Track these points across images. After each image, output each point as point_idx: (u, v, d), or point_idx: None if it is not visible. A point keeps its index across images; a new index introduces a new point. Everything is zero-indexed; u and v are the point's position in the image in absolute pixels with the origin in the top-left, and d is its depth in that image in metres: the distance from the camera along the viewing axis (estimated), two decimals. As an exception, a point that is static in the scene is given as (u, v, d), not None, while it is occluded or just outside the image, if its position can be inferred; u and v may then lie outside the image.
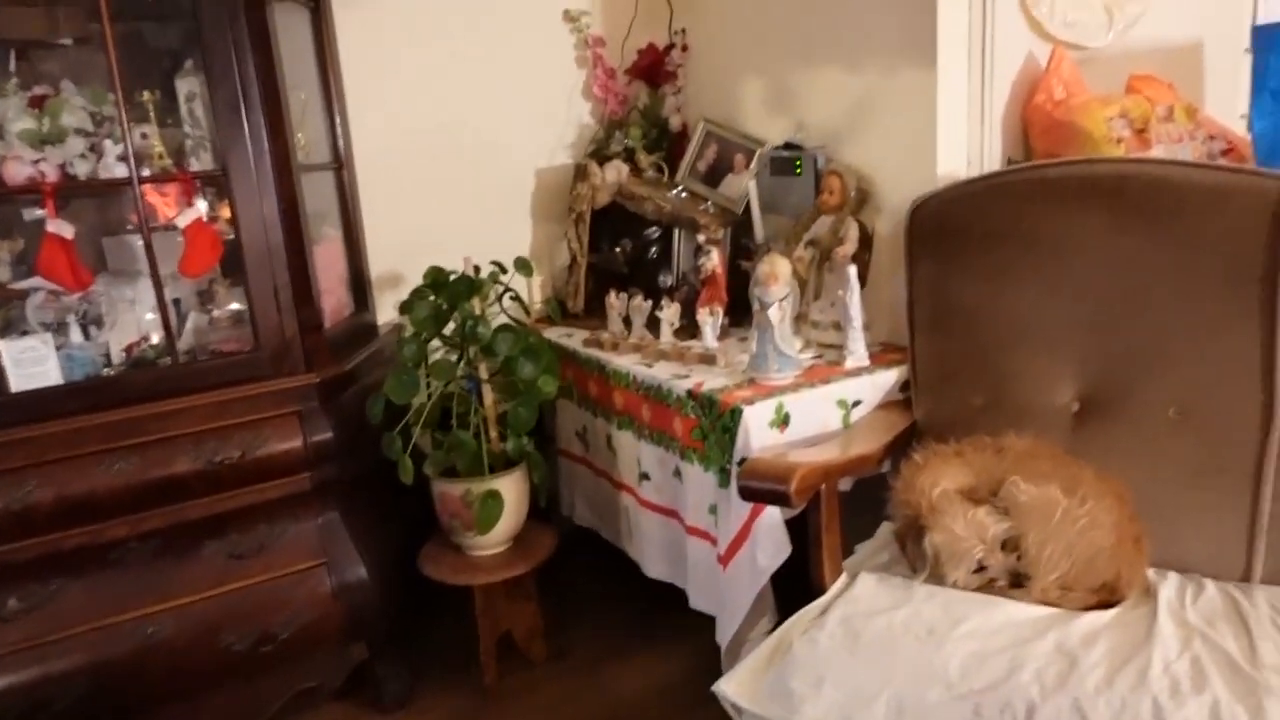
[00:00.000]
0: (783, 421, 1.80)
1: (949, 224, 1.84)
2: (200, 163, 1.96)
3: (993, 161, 2.00)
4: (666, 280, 2.49)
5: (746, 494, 1.52)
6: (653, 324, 2.26)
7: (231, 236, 1.98)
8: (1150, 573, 1.51)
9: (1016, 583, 1.47)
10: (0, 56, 1.95)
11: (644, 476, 2.12)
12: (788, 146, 2.28)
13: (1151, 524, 1.50)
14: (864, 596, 1.50)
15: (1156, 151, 1.86)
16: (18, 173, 1.81)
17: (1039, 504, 1.47)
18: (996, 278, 1.78)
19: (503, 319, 2.21)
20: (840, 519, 1.65)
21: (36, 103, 1.89)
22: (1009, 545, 1.48)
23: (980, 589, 1.48)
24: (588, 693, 2.19)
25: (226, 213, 2.02)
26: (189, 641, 1.87)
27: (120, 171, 1.87)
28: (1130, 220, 1.64)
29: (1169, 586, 1.47)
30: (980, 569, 1.48)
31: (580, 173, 2.60)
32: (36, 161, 1.83)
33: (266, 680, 2.00)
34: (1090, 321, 1.69)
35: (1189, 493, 1.56)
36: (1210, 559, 1.53)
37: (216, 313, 2.08)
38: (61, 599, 1.79)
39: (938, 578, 1.50)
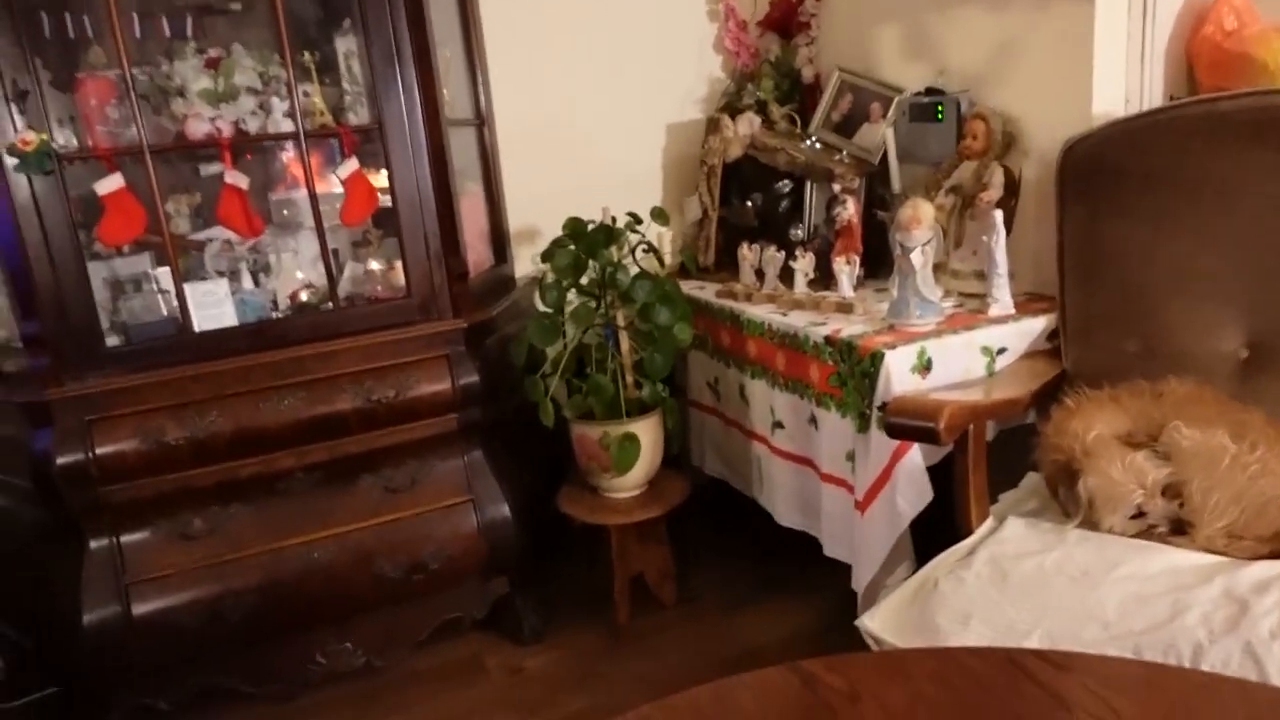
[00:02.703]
0: (925, 367, 1.78)
1: (1105, 164, 1.76)
2: (358, 118, 2.06)
3: (1153, 100, 1.90)
4: (798, 233, 2.47)
5: (894, 431, 1.51)
6: (786, 276, 2.25)
7: (384, 190, 2.09)
8: (1328, 526, 1.43)
9: (1178, 530, 1.42)
10: (179, 22, 2.09)
11: (777, 425, 2.13)
12: (928, 92, 2.22)
13: (1329, 476, 1.41)
14: (1012, 539, 1.48)
15: (1342, 83, 1.72)
16: (198, 129, 1.95)
17: (1204, 449, 1.41)
18: (1156, 220, 1.71)
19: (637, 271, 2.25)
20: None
21: (211, 64, 2.03)
22: (1170, 492, 1.43)
23: (1138, 536, 1.43)
24: (717, 637, 2.23)
25: (376, 170, 2.12)
26: (348, 566, 2.00)
27: (287, 126, 1.99)
28: (1311, 155, 1.54)
29: (1349, 539, 1.39)
30: (1138, 515, 1.44)
31: (712, 126, 2.60)
32: (213, 119, 1.97)
33: (416, 607, 2.12)
34: (1261, 266, 1.60)
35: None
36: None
37: (371, 262, 2.20)
38: (238, 522, 1.94)
39: (1092, 523, 1.46)
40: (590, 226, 2.17)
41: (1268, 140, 1.58)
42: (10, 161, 1.74)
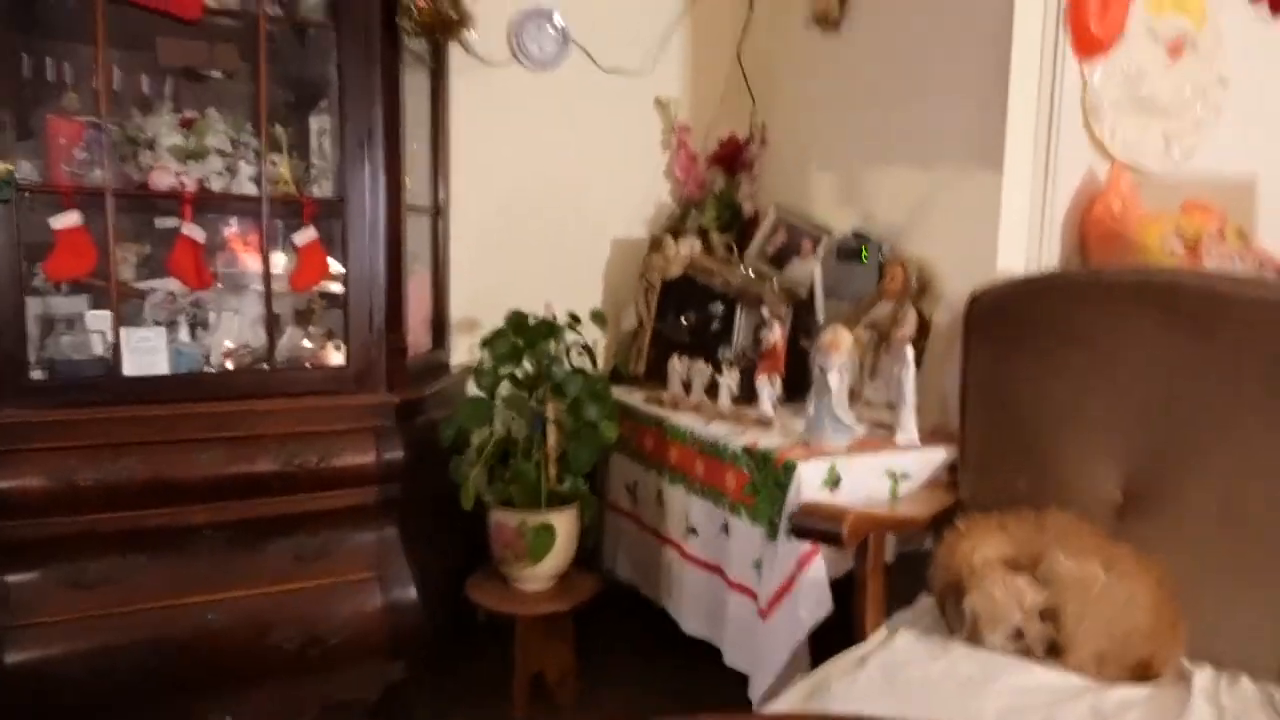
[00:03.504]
0: (834, 483, 1.88)
1: (1005, 315, 1.94)
2: (320, 191, 2.15)
3: (1050, 264, 2.12)
4: (726, 353, 2.60)
5: (800, 532, 1.60)
6: (711, 390, 2.37)
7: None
8: (1185, 662, 1.54)
9: (1053, 652, 1.51)
10: (159, 82, 2.18)
11: (691, 531, 2.19)
12: (855, 235, 2.43)
13: (1189, 616, 1.54)
14: (903, 648, 1.55)
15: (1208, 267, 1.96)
16: (162, 181, 2.01)
17: (1078, 578, 1.52)
18: (1048, 369, 1.88)
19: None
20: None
21: (186, 124, 2.10)
22: (1046, 615, 1.53)
23: (1016, 654, 1.52)
24: (610, 743, 2.21)
25: (330, 245, 2.18)
26: (244, 632, 1.95)
27: (250, 190, 2.07)
28: (1180, 324, 1.74)
29: (1204, 675, 1.50)
30: (1017, 636, 1.53)
31: (655, 244, 2.76)
32: (179, 174, 2.04)
33: (307, 685, 2.06)
34: (1137, 416, 1.76)
35: (1229, 589, 1.59)
36: (1248, 656, 1.54)
37: (312, 329, 2.24)
38: (136, 574, 1.89)
39: (975, 640, 1.55)
40: (531, 321, 2.27)
41: (1144, 307, 1.78)
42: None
